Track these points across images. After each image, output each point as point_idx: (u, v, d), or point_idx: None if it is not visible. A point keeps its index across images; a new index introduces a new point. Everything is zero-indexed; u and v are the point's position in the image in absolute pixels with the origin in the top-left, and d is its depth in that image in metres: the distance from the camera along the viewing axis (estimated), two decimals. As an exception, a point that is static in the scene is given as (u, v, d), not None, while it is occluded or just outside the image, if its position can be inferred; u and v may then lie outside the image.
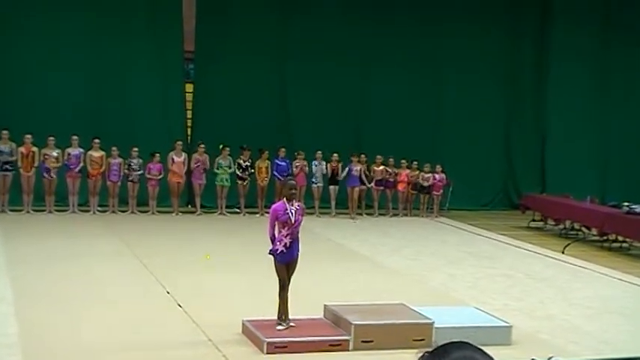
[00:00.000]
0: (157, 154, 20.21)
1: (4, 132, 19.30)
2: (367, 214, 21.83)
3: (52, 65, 20.63)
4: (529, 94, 24.90)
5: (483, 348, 2.01)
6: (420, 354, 2.02)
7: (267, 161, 21.03)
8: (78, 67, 20.91)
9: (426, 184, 22.07)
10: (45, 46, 20.60)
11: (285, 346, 9.90)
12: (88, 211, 19.95)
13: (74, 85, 20.84)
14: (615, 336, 11.47)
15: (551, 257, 17.41)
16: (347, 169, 21.02)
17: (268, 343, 9.86)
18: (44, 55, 20.58)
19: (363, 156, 21.30)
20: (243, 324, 10.55)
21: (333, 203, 21.58)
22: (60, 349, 9.66)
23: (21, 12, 20.57)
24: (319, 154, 21.37)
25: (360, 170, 21.07)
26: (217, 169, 20.67)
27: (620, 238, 19.04)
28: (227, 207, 20.94)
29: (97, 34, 21.08)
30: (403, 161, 21.98)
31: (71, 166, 19.68)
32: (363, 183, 21.33)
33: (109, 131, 20.29)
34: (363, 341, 10.16)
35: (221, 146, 20.65)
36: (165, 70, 21.84)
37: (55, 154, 19.56)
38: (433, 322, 10.37)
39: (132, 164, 20.15)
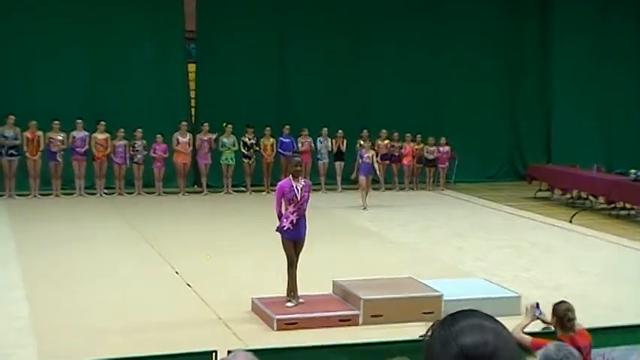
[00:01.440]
0: (161, 135, 20.20)
1: (10, 117, 19.28)
2: (373, 189, 21.73)
3: (55, 50, 20.59)
4: (534, 65, 24.81)
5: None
6: (430, 324, 2.03)
7: (271, 138, 21.03)
8: (80, 51, 20.89)
9: (430, 157, 22.04)
10: (47, 31, 20.54)
11: (296, 323, 9.92)
12: (94, 193, 19.98)
13: (77, 69, 20.81)
14: (624, 303, 11.48)
15: (559, 227, 17.40)
16: (357, 156, 18.94)
17: (278, 320, 9.89)
18: (47, 41, 20.52)
19: (365, 131, 20.92)
20: (252, 302, 10.58)
21: (339, 179, 21.58)
22: (71, 330, 9.71)
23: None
24: (325, 130, 21.35)
25: (372, 157, 18.93)
26: (221, 147, 20.66)
27: (628, 206, 19.02)
28: (233, 186, 20.96)
29: (98, 17, 21.02)
30: (408, 135, 21.94)
31: (76, 149, 19.70)
32: (375, 172, 19.39)
33: (113, 114, 20.29)
34: (372, 316, 10.18)
35: (225, 124, 20.66)
36: (167, 50, 21.81)
37: (60, 137, 19.57)
38: (442, 295, 10.38)
39: (136, 145, 20.15)
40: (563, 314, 6.64)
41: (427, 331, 2.02)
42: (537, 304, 7.06)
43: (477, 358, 1.89)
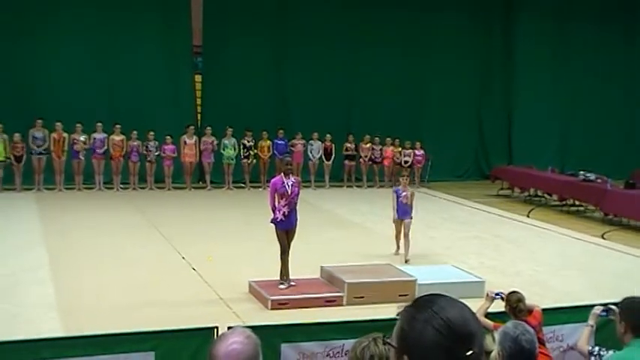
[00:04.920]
0: (170, 137, 20.13)
1: (39, 121, 19.24)
2: (357, 186, 21.84)
3: (78, 63, 20.50)
4: (498, 78, 24.86)
5: (461, 300, 1.99)
6: (401, 309, 1.97)
7: (268, 141, 21.03)
8: (101, 63, 20.76)
9: (407, 159, 22.06)
10: (72, 49, 20.41)
11: (287, 303, 9.93)
12: (112, 188, 19.90)
13: (98, 79, 20.73)
14: (574, 288, 11.53)
15: (518, 221, 17.44)
16: (394, 194, 13.81)
17: (272, 300, 9.90)
18: (72, 57, 20.41)
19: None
20: (249, 284, 10.58)
21: (327, 177, 21.61)
22: (90, 307, 9.69)
23: (44, 12, 20.28)
24: (315, 135, 21.40)
25: (411, 196, 13.57)
26: (223, 150, 20.64)
27: (577, 203, 19.09)
28: (233, 182, 20.93)
29: (117, 35, 20.84)
30: (388, 139, 21.99)
31: (96, 149, 19.65)
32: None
33: (128, 118, 20.23)
34: (355, 297, 10.19)
35: (226, 128, 20.65)
36: (177, 63, 21.73)
37: (82, 138, 19.53)
38: (416, 280, 10.40)
39: (149, 146, 20.11)
40: (515, 305, 6.70)
41: (399, 313, 1.96)
42: (497, 293, 7.11)
43: (461, 331, 1.84)
